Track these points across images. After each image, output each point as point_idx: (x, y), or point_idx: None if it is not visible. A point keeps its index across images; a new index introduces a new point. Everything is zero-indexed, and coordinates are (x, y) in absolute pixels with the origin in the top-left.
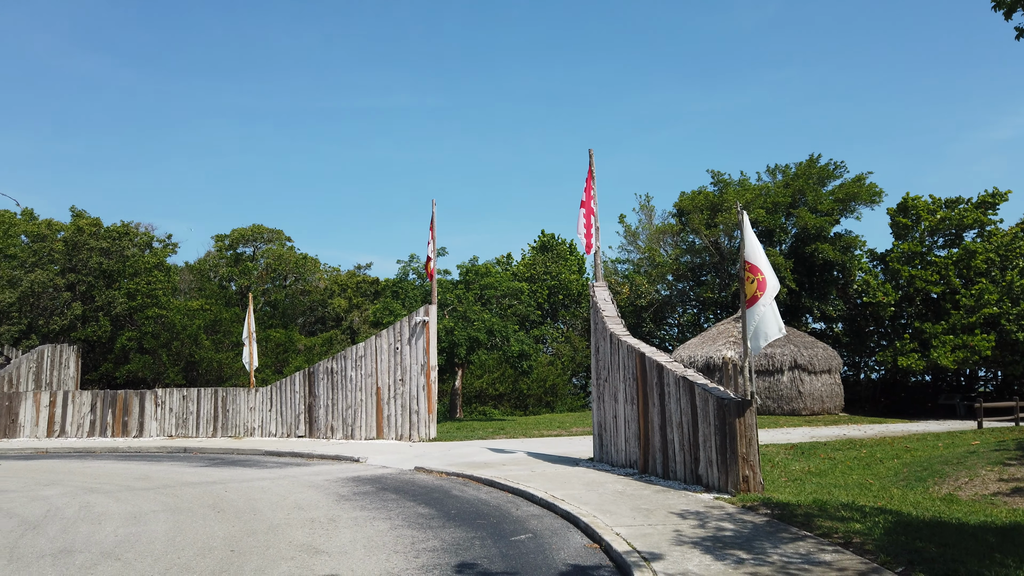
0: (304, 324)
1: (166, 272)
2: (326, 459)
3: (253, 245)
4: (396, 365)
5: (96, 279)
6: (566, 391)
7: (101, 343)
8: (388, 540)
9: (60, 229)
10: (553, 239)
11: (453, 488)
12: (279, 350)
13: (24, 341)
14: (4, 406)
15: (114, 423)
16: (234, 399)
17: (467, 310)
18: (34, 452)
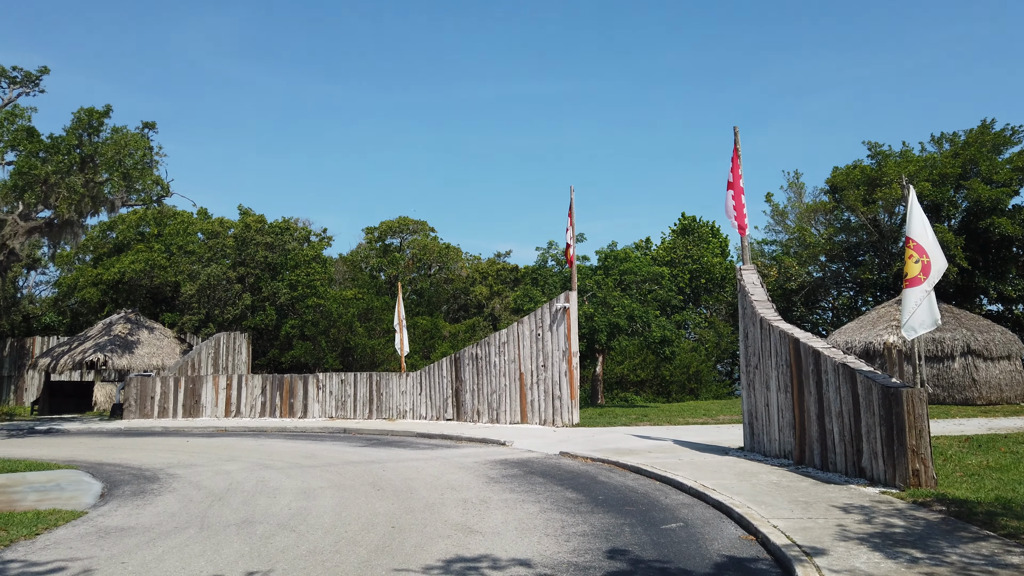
0: (448, 311)
1: (323, 264)
2: (474, 442)
3: (400, 236)
4: (538, 351)
5: (262, 271)
6: (711, 378)
7: (268, 330)
8: (538, 523)
9: (230, 226)
10: (694, 221)
11: (599, 474)
12: (426, 336)
13: (203, 329)
14: (189, 388)
15: (281, 404)
16: (387, 383)
17: (607, 296)
18: (215, 430)
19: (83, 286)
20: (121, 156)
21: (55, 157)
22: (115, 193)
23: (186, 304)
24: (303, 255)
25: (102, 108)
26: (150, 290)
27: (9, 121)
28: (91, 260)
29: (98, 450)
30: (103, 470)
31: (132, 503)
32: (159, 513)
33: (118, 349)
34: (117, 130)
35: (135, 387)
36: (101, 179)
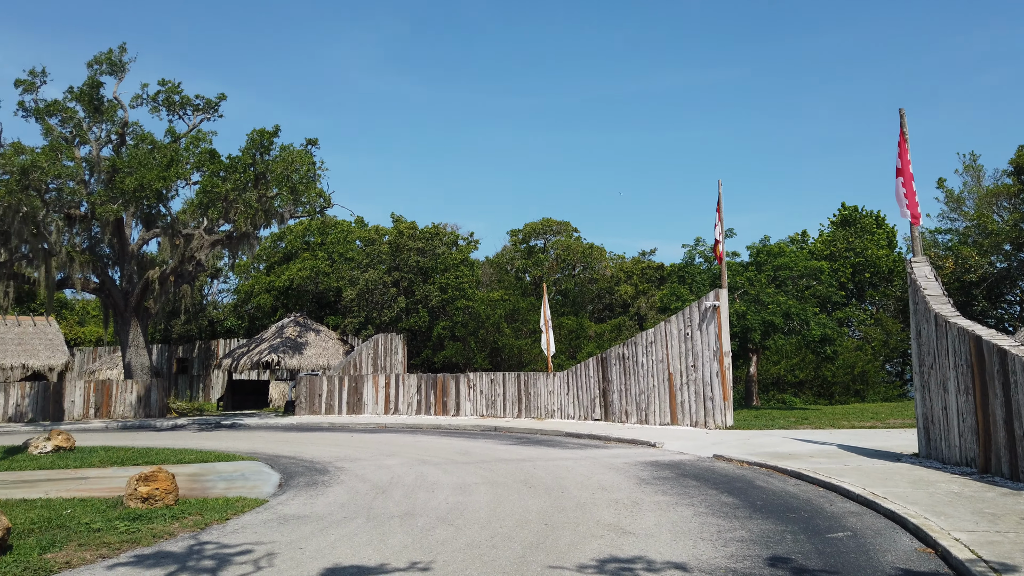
0: (593, 311)
1: (470, 267)
2: (623, 443)
3: (543, 237)
4: (687, 351)
5: (415, 276)
6: (878, 379)
7: (421, 332)
8: (693, 527)
9: (385, 233)
10: (856, 211)
11: (756, 478)
12: (571, 336)
13: (363, 331)
14: (352, 387)
15: (435, 403)
16: (535, 383)
17: (760, 293)
18: (376, 427)
19: (258, 292)
20: (289, 172)
21: (233, 176)
22: (284, 206)
23: (347, 307)
24: (452, 259)
25: (271, 129)
26: (315, 295)
27: (194, 145)
28: (264, 268)
29: (274, 443)
30: (280, 462)
31: (306, 493)
32: (330, 503)
33: (289, 350)
34: (285, 148)
35: (305, 385)
36: (272, 194)
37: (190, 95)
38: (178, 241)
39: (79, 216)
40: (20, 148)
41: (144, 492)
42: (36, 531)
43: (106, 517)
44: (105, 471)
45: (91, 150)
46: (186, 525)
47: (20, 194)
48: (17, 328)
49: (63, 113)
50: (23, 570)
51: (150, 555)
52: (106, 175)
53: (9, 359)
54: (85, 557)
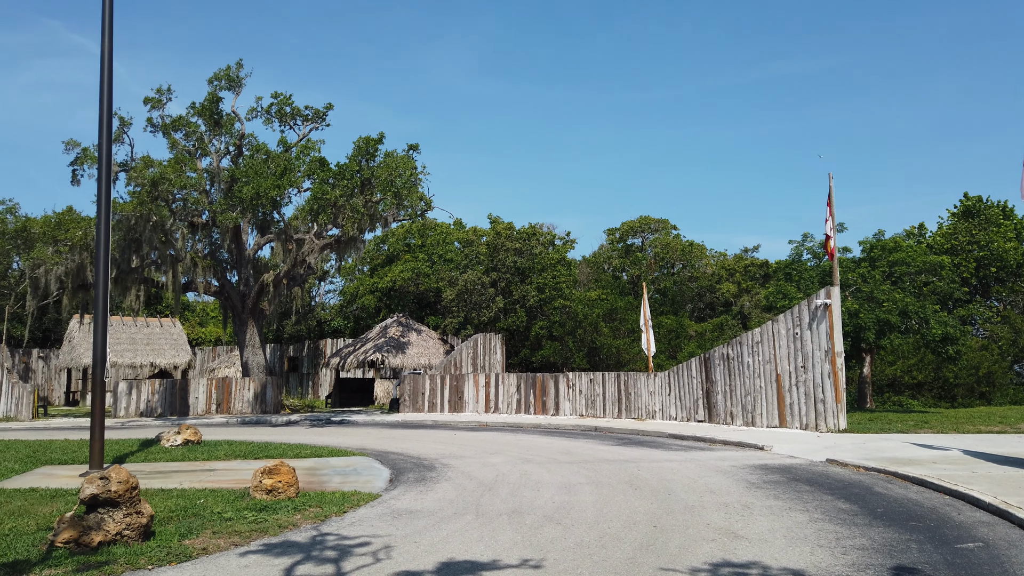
0: (693, 310)
1: (567, 266)
2: (728, 445)
3: (641, 236)
4: (796, 351)
5: (512, 276)
6: (1005, 380)
7: (519, 331)
8: (809, 533)
9: (483, 234)
10: (980, 202)
11: (874, 484)
12: (671, 336)
13: (462, 331)
14: (453, 386)
15: (535, 402)
16: (635, 383)
17: (873, 290)
18: (477, 425)
19: (362, 294)
20: (393, 177)
21: (341, 182)
22: (387, 210)
23: (447, 308)
24: (549, 259)
25: (376, 136)
26: (416, 296)
27: (304, 153)
28: (368, 270)
29: (382, 440)
30: (388, 458)
31: (416, 489)
32: (439, 499)
33: (392, 350)
34: (388, 154)
35: (408, 384)
36: (376, 199)
37: (300, 106)
38: (290, 246)
39: (201, 224)
40: (149, 162)
41: (268, 484)
42: (175, 519)
43: (235, 507)
44: (230, 464)
45: (211, 161)
46: (307, 517)
47: (151, 204)
48: (146, 329)
49: (186, 128)
50: (166, 554)
51: (277, 544)
52: (225, 185)
53: (139, 358)
54: (219, 544)
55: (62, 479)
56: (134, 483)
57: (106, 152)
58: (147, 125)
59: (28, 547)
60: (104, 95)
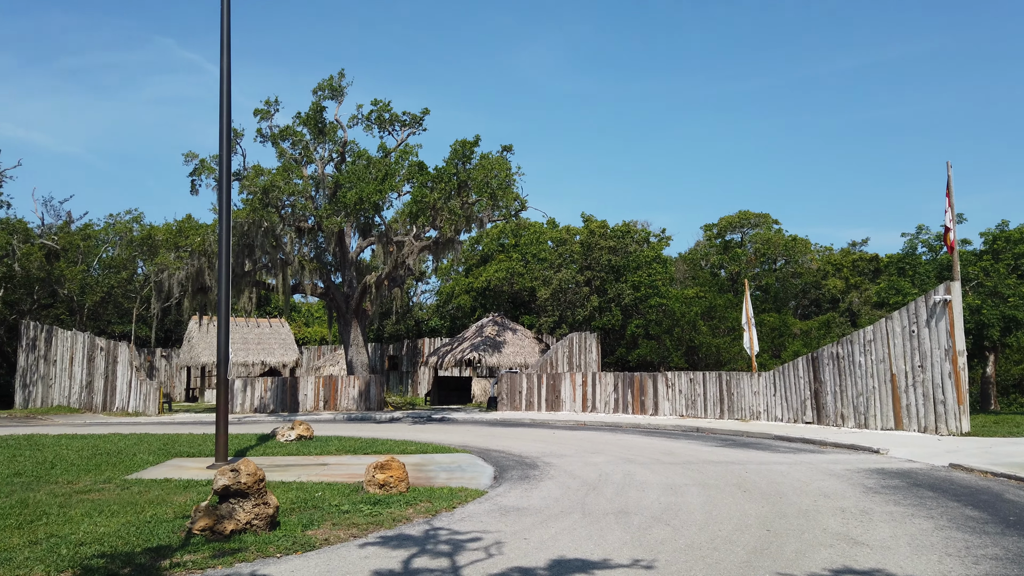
0: (797, 307)
1: (663, 264)
2: (840, 448)
3: (740, 231)
4: (913, 350)
5: (607, 274)
6: None
7: (614, 330)
8: (935, 540)
9: (576, 233)
10: None
11: (1005, 491)
12: (773, 334)
13: (557, 330)
14: (550, 384)
15: (632, 401)
16: (737, 383)
17: (998, 284)
18: (575, 424)
19: (458, 294)
20: (488, 179)
21: (439, 185)
22: (483, 211)
23: (541, 307)
24: (644, 256)
25: (472, 139)
26: (511, 295)
27: (403, 158)
28: (463, 271)
29: (482, 437)
30: (491, 455)
31: (521, 487)
32: (544, 497)
33: (488, 348)
34: (484, 156)
35: (505, 382)
36: (472, 200)
37: (397, 112)
38: (391, 248)
39: (307, 228)
40: (260, 170)
41: (381, 479)
42: (296, 510)
43: (351, 500)
44: (342, 458)
45: (316, 168)
46: (419, 511)
47: (262, 211)
48: (257, 329)
49: (293, 137)
50: (292, 544)
51: (393, 537)
52: (329, 191)
53: (251, 357)
54: (340, 535)
55: (191, 470)
56: (261, 475)
57: (226, 172)
58: (257, 136)
59: (169, 533)
60: (224, 117)
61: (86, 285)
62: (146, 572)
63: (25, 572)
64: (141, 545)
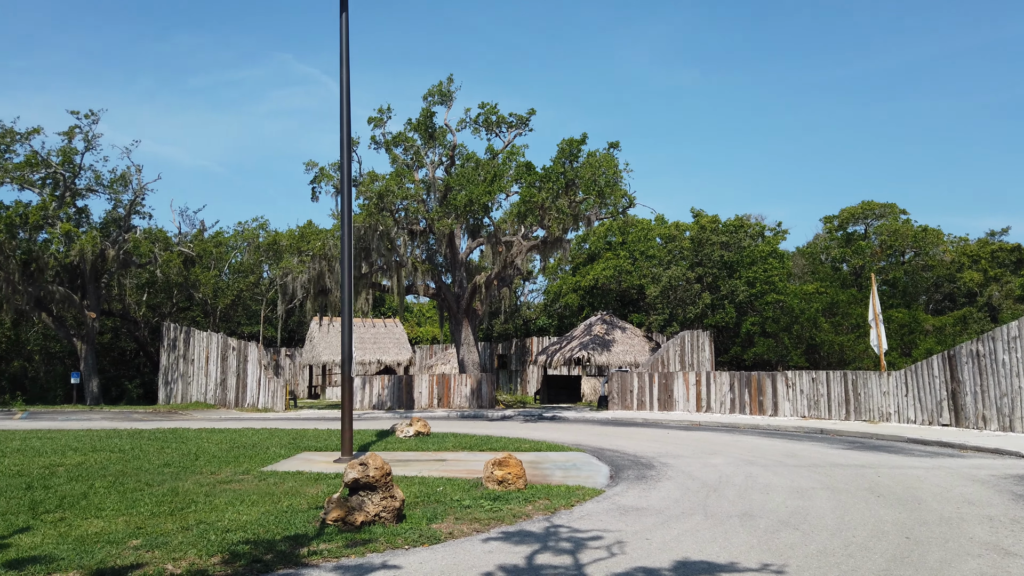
0: (928, 302)
1: (779, 259)
2: (983, 452)
3: (864, 223)
4: None
5: (719, 270)
6: None
7: (728, 328)
8: None
9: (686, 229)
10: None
11: None
12: (903, 331)
13: (668, 328)
14: (662, 384)
15: (750, 401)
16: (864, 383)
17: None
18: (689, 424)
19: (565, 292)
20: (595, 176)
21: (547, 185)
22: (590, 210)
23: (651, 305)
24: (758, 251)
25: (579, 137)
26: (619, 293)
27: (510, 159)
28: (570, 269)
29: (595, 436)
30: (605, 454)
31: (638, 487)
32: (663, 498)
33: (597, 347)
34: (591, 154)
35: (616, 381)
36: (579, 199)
37: (504, 114)
38: (500, 248)
39: (419, 231)
40: (375, 176)
41: (499, 476)
42: (420, 504)
43: (471, 496)
44: (458, 455)
45: (427, 172)
46: (538, 508)
47: (377, 215)
48: (372, 329)
49: (405, 143)
50: (418, 536)
51: (514, 533)
52: (440, 193)
53: (368, 355)
54: (463, 529)
55: (319, 464)
56: (388, 470)
57: (347, 183)
58: (371, 143)
59: (304, 523)
60: (344, 131)
61: (218, 289)
62: (286, 559)
63: (180, 555)
64: (280, 533)
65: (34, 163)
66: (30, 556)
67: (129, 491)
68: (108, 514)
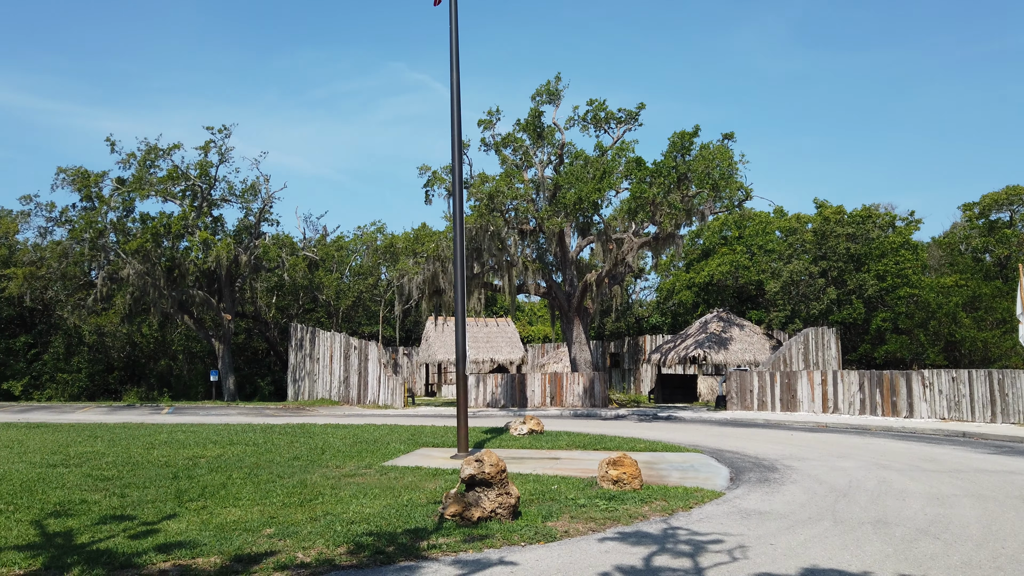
0: None
1: (912, 250)
2: None
3: (1008, 209)
4: None
5: (845, 264)
6: None
7: (855, 325)
8: None
9: (807, 221)
10: None
11: None
12: None
13: (789, 325)
14: (784, 383)
15: (882, 402)
16: (1013, 382)
17: None
18: (815, 425)
19: (679, 290)
20: (709, 169)
21: (658, 180)
22: (704, 204)
23: (770, 301)
24: (889, 243)
25: (691, 129)
26: (735, 289)
27: (620, 155)
28: (683, 266)
29: (712, 437)
30: (724, 456)
31: (760, 490)
32: (788, 502)
33: (714, 345)
34: (704, 146)
35: (735, 381)
36: (692, 193)
37: (613, 109)
38: (610, 246)
39: (529, 230)
40: (485, 178)
41: (614, 475)
42: (535, 502)
43: (586, 495)
44: (572, 453)
45: (536, 172)
46: (654, 509)
47: (488, 216)
48: (485, 328)
49: (514, 143)
50: (534, 534)
51: (630, 533)
52: (549, 192)
53: (481, 354)
54: (578, 528)
55: (437, 459)
56: (503, 467)
57: (458, 185)
58: (480, 145)
59: (423, 517)
60: (455, 135)
61: (340, 291)
62: (407, 551)
63: (310, 544)
64: (401, 526)
65: (175, 176)
66: (176, 541)
67: (263, 482)
68: (244, 504)
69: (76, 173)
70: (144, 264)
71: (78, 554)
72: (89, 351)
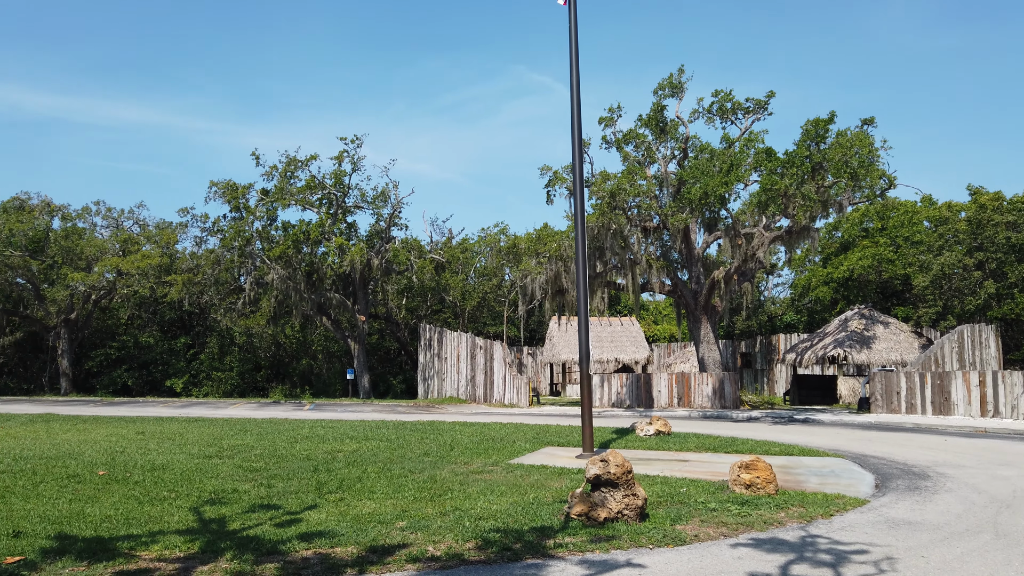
0: None
1: None
2: None
3: None
4: None
5: (1005, 255)
6: None
7: (1019, 321)
8: None
9: (960, 209)
10: None
11: None
12: None
13: (941, 323)
14: (936, 384)
15: None
16: None
17: None
18: (972, 430)
19: (815, 286)
20: (847, 158)
21: (790, 170)
22: (841, 194)
23: (919, 296)
24: None
25: (826, 116)
26: (878, 285)
27: (748, 146)
28: (820, 260)
29: (855, 441)
30: (868, 461)
31: (910, 498)
32: (942, 512)
33: (856, 344)
34: (841, 133)
35: (879, 382)
36: (828, 183)
37: (740, 99)
38: (739, 241)
39: (652, 228)
40: (606, 175)
41: (747, 479)
42: (663, 504)
43: (717, 499)
44: (701, 456)
45: (659, 168)
46: (791, 516)
47: (610, 214)
48: (609, 328)
49: (636, 139)
50: (662, 536)
51: (765, 540)
52: (673, 188)
53: (605, 354)
54: (709, 533)
55: (562, 459)
56: (629, 467)
57: (579, 184)
58: (602, 143)
59: (549, 515)
60: (575, 134)
61: (465, 292)
62: (534, 549)
63: (440, 538)
64: (527, 524)
65: (312, 186)
66: (316, 531)
67: (395, 477)
68: (379, 497)
69: (226, 186)
70: (286, 269)
71: (230, 539)
72: (239, 351)
